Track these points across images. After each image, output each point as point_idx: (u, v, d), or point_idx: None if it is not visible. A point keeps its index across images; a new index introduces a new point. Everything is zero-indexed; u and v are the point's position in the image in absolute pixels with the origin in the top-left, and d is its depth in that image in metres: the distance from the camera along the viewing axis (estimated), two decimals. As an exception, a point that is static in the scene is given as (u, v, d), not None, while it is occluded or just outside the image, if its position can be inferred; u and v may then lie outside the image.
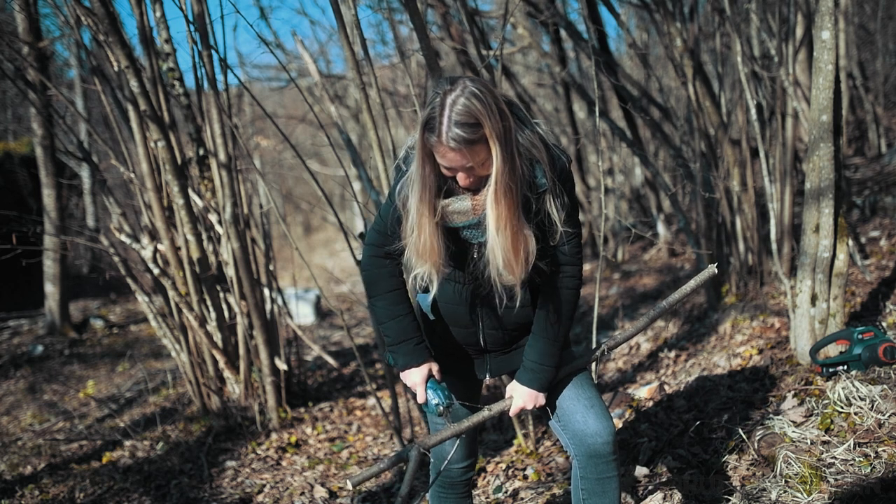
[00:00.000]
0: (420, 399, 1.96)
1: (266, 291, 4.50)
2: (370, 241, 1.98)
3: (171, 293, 4.20)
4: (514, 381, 1.98)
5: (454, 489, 2.23)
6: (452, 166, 1.71)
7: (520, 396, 1.96)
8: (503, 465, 3.34)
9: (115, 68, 3.92)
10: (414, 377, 1.96)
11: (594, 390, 2.02)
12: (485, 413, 1.95)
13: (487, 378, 2.09)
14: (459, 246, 1.87)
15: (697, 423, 3.02)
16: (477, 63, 3.96)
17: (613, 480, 1.95)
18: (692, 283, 2.08)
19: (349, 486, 1.62)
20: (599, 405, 1.97)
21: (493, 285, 1.85)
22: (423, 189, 1.75)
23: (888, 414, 2.51)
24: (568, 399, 1.99)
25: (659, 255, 7.56)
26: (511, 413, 1.97)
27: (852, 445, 2.43)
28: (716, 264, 2.08)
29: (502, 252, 1.74)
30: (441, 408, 1.94)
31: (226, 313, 4.45)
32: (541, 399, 1.96)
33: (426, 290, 2.06)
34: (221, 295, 4.43)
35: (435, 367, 1.98)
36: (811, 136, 3.00)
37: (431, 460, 2.23)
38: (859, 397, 2.63)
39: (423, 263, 1.82)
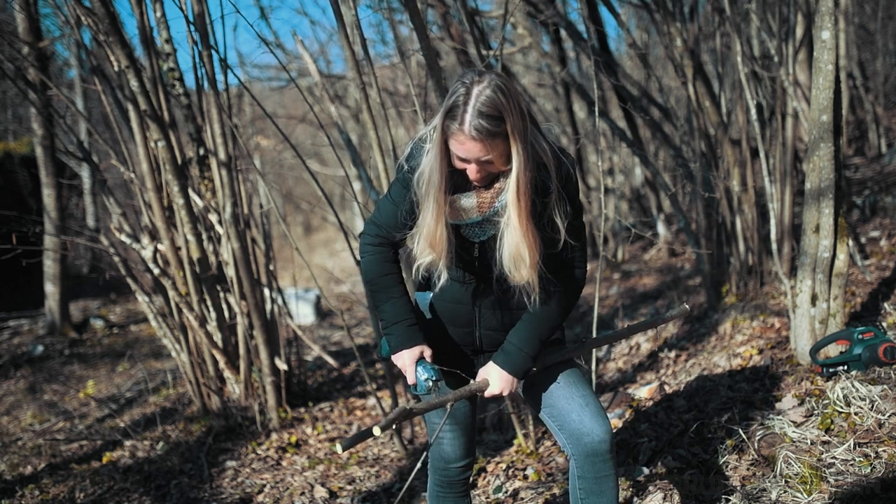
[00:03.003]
0: (410, 380, 1.95)
1: (266, 291, 4.50)
2: (366, 232, 2.01)
3: (171, 293, 4.20)
4: (490, 362, 1.96)
5: (452, 489, 2.23)
6: (468, 157, 1.72)
7: (496, 380, 1.94)
8: (503, 465, 3.35)
9: (116, 68, 3.92)
10: (404, 359, 1.96)
11: (588, 388, 2.01)
12: (468, 388, 1.93)
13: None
14: (461, 244, 1.88)
15: (697, 423, 3.02)
16: (477, 63, 3.96)
17: (611, 479, 1.95)
18: (666, 315, 2.16)
19: (339, 451, 1.60)
20: (594, 404, 1.97)
21: (501, 283, 1.87)
22: (440, 179, 1.77)
23: (888, 414, 2.51)
24: (563, 398, 1.98)
25: (659, 255, 7.56)
26: (486, 394, 1.95)
27: (852, 445, 2.43)
28: (686, 304, 2.19)
29: (527, 250, 1.77)
30: (430, 383, 1.91)
31: (226, 313, 4.45)
32: (515, 385, 1.94)
33: (425, 288, 2.06)
34: (221, 295, 4.43)
35: (427, 352, 1.97)
36: (811, 136, 3.00)
37: (430, 460, 2.23)
38: (859, 397, 2.63)
39: (431, 253, 1.84)
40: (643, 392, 3.66)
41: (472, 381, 1.97)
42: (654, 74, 6.12)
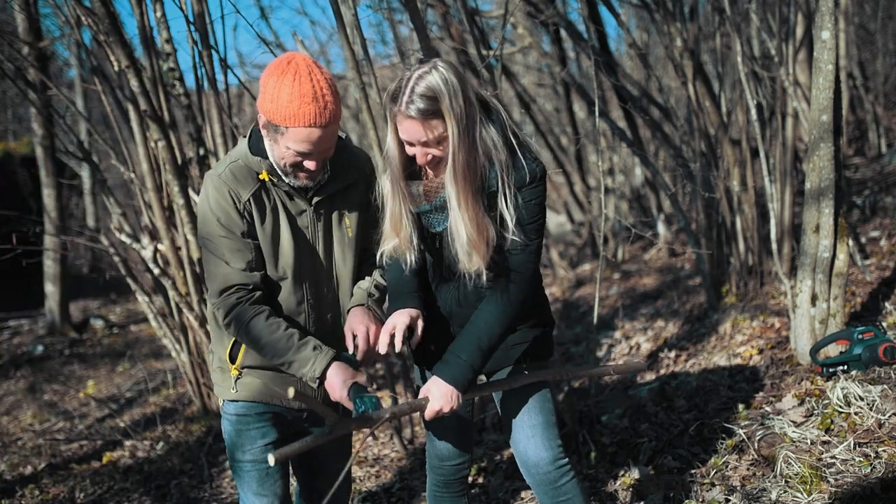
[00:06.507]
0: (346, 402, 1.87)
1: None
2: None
3: (171, 293, 4.20)
4: (432, 375, 1.88)
5: (449, 488, 2.23)
6: (409, 139, 1.77)
7: (435, 393, 1.84)
8: (503, 465, 3.35)
9: (116, 68, 3.92)
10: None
11: (542, 416, 1.98)
12: (407, 405, 1.83)
13: None
14: (424, 234, 1.92)
15: (697, 423, 3.02)
16: (477, 63, 3.96)
17: (572, 502, 1.97)
18: (617, 366, 2.20)
19: (270, 462, 1.56)
20: (542, 433, 1.95)
21: (468, 280, 1.86)
22: (397, 164, 1.84)
23: (888, 414, 2.51)
24: (515, 426, 2.00)
25: (659, 255, 7.55)
26: (427, 414, 1.85)
27: (852, 445, 2.43)
28: (641, 361, 2.17)
29: (465, 229, 1.77)
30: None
31: (226, 313, 4.45)
32: (456, 400, 1.84)
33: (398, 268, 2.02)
34: (221, 295, 4.42)
35: (361, 378, 1.88)
36: (811, 136, 3.00)
37: (427, 459, 2.23)
38: (859, 397, 2.64)
39: (394, 238, 1.88)
40: (643, 392, 3.66)
41: (411, 400, 1.92)
42: (654, 74, 6.11)
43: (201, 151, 4.53)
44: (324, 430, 1.65)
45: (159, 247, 4.28)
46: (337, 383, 1.84)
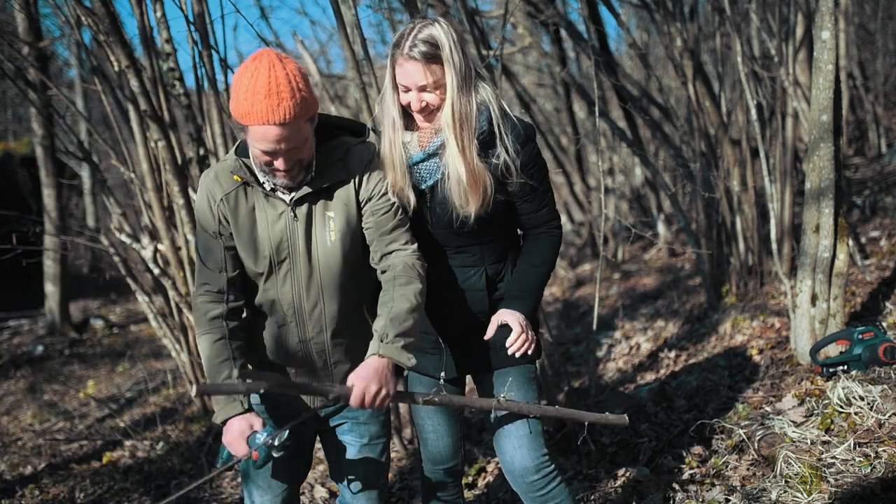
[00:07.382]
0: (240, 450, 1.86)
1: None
2: None
3: (171, 293, 4.20)
4: (500, 310, 1.94)
5: (444, 489, 2.23)
6: (408, 83, 1.85)
7: (509, 315, 1.90)
8: (503, 465, 3.34)
9: (116, 68, 3.92)
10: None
11: (529, 426, 2.00)
12: (341, 389, 1.76)
13: (443, 377, 2.04)
14: (414, 194, 1.94)
15: (697, 423, 3.02)
16: (477, 63, 3.95)
17: None
18: (599, 416, 2.17)
19: (192, 393, 1.57)
20: (529, 444, 1.98)
21: (451, 217, 1.91)
22: (393, 107, 1.91)
23: (888, 414, 2.51)
24: (503, 435, 2.02)
25: (659, 255, 7.56)
26: (513, 337, 1.87)
27: (852, 445, 2.43)
28: (626, 415, 2.20)
29: (464, 171, 1.84)
30: (268, 442, 1.79)
31: (226, 313, 4.44)
32: (527, 326, 1.90)
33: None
34: (221, 295, 4.42)
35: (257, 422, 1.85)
36: (811, 136, 3.00)
37: (423, 462, 2.22)
38: (859, 397, 2.64)
39: (391, 171, 1.91)
40: (643, 392, 3.66)
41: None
42: (654, 74, 6.12)
43: (201, 151, 4.53)
44: (240, 384, 1.76)
45: (159, 247, 4.28)
46: (234, 436, 1.82)
